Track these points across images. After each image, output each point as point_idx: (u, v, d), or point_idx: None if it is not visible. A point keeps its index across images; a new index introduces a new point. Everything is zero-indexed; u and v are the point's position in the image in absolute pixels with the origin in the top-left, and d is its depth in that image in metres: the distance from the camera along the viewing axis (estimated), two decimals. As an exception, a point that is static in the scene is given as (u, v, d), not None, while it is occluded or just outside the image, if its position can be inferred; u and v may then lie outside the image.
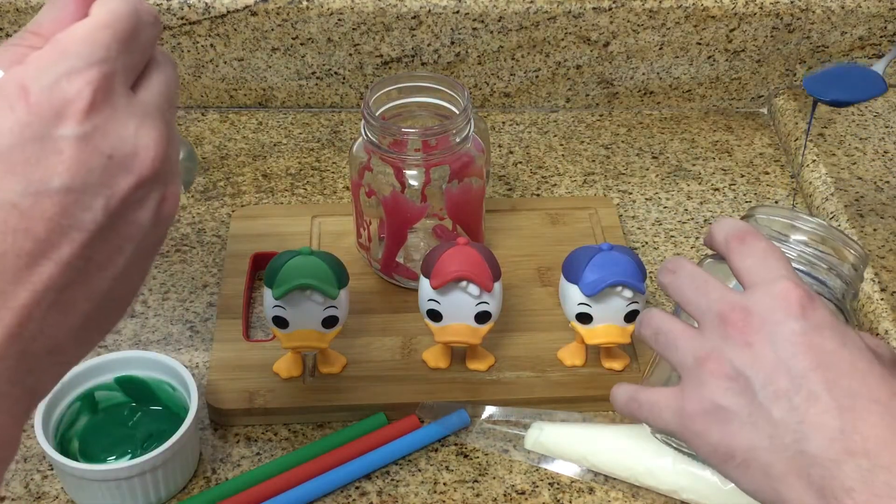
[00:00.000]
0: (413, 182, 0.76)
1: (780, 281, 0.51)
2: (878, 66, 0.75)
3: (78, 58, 0.39)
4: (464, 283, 0.70)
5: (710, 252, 0.60)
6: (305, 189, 0.93)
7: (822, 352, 0.48)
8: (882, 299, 0.79)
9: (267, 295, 0.70)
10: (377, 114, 0.75)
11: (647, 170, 0.96)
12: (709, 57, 1.00)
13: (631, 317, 0.71)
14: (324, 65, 0.99)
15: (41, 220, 0.38)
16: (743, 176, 0.96)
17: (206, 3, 0.94)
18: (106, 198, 0.40)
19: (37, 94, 0.39)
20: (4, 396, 0.38)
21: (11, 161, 0.38)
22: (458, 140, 0.75)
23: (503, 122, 1.02)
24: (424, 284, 0.71)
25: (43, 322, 0.39)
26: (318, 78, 1.00)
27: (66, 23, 0.41)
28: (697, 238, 0.89)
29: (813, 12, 0.97)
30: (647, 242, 0.88)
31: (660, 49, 0.99)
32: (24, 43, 0.41)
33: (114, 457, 0.68)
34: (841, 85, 0.75)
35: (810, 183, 0.92)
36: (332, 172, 0.95)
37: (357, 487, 0.69)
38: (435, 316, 0.72)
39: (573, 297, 0.71)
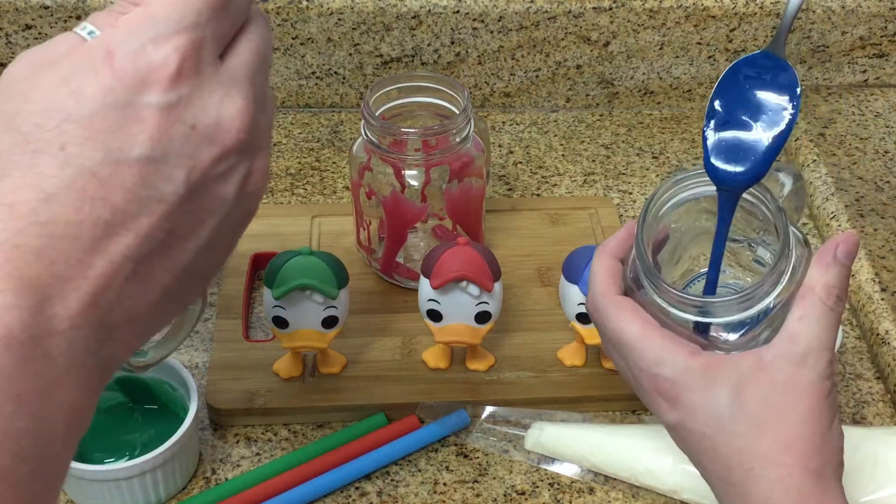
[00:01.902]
0: (413, 182, 0.76)
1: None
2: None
3: (167, 23, 0.38)
4: (464, 283, 0.70)
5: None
6: (305, 189, 0.93)
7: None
8: (882, 299, 0.79)
9: (267, 295, 0.69)
10: (377, 114, 0.75)
11: (648, 170, 0.96)
12: (709, 57, 1.00)
13: (631, 317, 0.71)
14: (324, 65, 0.99)
15: (120, 189, 0.37)
16: (743, 176, 0.96)
17: (206, 3, 0.94)
18: (187, 169, 0.39)
19: (122, 58, 0.38)
20: (80, 365, 0.37)
21: (92, 128, 0.37)
22: (458, 140, 0.75)
23: (503, 122, 1.02)
24: (424, 284, 0.71)
25: (120, 292, 0.38)
26: (318, 78, 1.00)
27: None
28: (697, 238, 0.89)
29: (813, 12, 0.97)
30: (647, 242, 0.88)
31: (660, 49, 0.99)
32: (122, 11, 0.40)
33: (113, 457, 0.68)
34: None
35: (811, 183, 0.92)
36: (332, 172, 0.95)
37: (357, 487, 0.69)
38: (435, 316, 0.72)
39: (573, 297, 0.71)
